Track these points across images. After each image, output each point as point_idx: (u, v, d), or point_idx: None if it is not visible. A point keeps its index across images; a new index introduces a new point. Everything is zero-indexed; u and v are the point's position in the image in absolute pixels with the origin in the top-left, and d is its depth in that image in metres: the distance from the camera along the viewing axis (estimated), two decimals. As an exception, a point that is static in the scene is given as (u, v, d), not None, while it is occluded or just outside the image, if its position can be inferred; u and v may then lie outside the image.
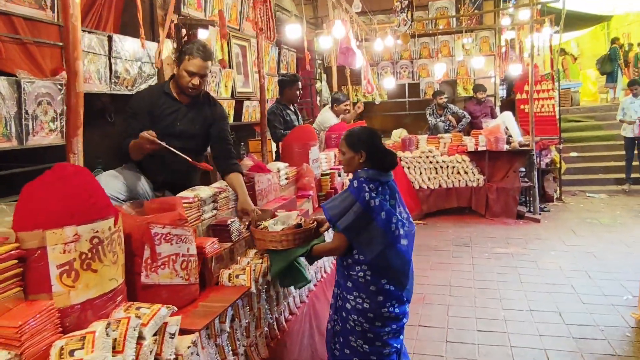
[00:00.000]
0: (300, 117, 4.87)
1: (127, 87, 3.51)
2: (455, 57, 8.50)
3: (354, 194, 2.17)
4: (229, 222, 2.31)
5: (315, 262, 2.81)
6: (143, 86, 3.78)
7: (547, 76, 9.19)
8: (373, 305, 2.18)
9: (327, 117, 5.52)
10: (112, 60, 3.34)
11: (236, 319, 1.96)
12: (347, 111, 5.62)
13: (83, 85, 1.80)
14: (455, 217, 6.82)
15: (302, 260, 2.36)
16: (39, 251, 1.35)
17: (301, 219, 2.40)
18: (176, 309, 1.52)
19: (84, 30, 3.16)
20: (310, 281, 2.46)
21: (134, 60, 3.58)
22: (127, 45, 3.48)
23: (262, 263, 2.23)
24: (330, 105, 5.76)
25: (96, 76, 3.22)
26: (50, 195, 1.41)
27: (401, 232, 2.19)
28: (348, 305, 2.24)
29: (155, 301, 1.71)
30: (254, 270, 2.11)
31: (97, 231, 1.45)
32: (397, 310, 2.21)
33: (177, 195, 2.27)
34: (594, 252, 5.07)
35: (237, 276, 2.07)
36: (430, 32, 8.65)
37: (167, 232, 1.79)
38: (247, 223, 2.43)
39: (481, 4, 8.78)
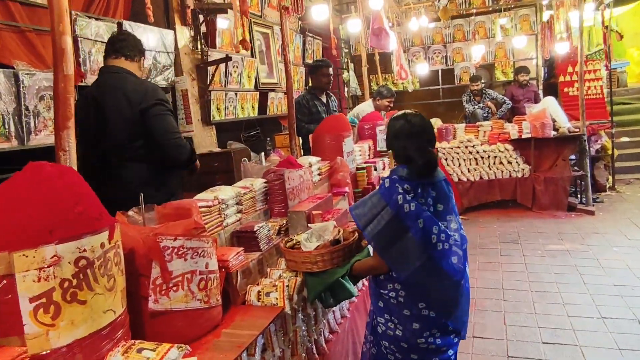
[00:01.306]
0: (332, 108, 4.47)
1: (140, 79, 3.20)
2: (495, 37, 7.86)
3: (384, 196, 1.75)
4: (256, 227, 1.96)
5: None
6: (158, 78, 3.47)
7: (591, 56, 8.51)
8: (407, 333, 1.77)
9: (362, 107, 5.16)
10: (124, 50, 3.03)
11: (268, 349, 1.60)
12: (389, 107, 5.27)
13: (72, 67, 1.46)
14: (498, 210, 6.30)
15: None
16: (5, 280, 1.02)
17: (339, 232, 1.98)
18: (190, 349, 1.16)
19: (90, 17, 2.86)
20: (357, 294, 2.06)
21: (148, 49, 3.25)
22: (140, 34, 3.17)
23: (296, 276, 1.86)
24: (373, 97, 5.48)
25: (106, 67, 2.90)
26: (20, 204, 1.07)
27: (445, 246, 1.74)
28: (379, 329, 1.86)
29: (168, 331, 1.38)
30: (287, 286, 1.74)
31: (84, 250, 1.11)
32: (438, 341, 1.77)
33: (195, 197, 1.93)
34: (664, 248, 4.50)
35: (267, 294, 1.71)
36: (465, 12, 8.07)
37: (180, 244, 1.44)
38: None
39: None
